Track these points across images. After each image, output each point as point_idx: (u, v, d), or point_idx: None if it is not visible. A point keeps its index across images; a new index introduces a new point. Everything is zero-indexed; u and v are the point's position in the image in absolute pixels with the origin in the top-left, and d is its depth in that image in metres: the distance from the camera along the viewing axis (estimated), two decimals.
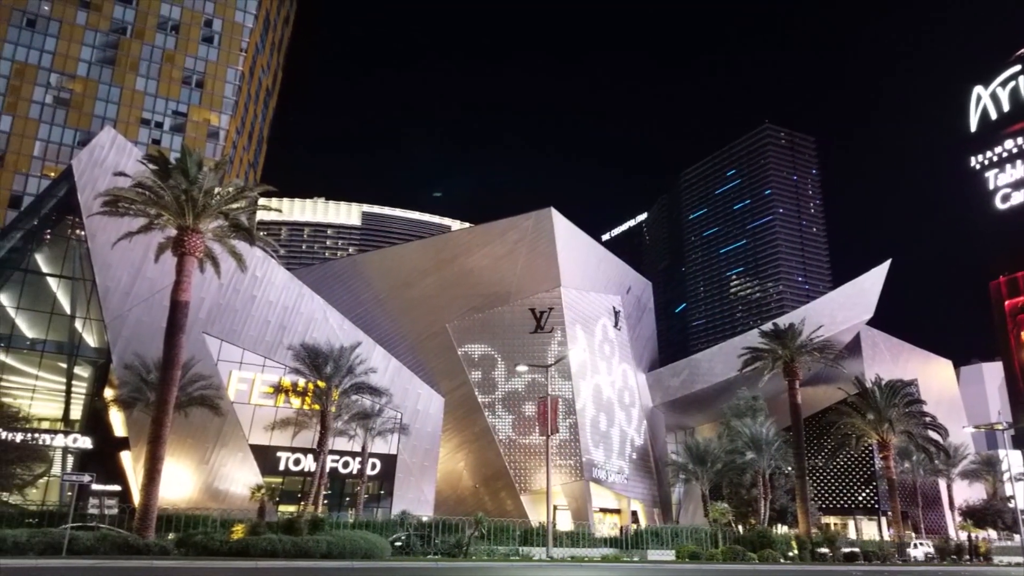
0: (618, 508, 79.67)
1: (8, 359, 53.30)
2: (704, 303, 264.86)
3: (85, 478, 34.23)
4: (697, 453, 67.38)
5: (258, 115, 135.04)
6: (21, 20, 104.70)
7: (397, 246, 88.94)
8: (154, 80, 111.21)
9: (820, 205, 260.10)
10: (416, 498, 62.36)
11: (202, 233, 37.52)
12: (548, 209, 73.33)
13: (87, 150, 54.33)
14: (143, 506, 33.25)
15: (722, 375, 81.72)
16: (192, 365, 47.55)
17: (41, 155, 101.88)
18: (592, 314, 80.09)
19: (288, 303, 59.55)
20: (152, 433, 34.97)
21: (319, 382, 52.93)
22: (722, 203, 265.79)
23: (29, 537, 28.58)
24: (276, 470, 56.97)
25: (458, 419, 73.66)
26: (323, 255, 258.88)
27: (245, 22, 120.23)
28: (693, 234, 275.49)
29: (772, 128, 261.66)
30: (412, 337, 74.92)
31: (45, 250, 56.04)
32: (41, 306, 54.50)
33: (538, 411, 48.29)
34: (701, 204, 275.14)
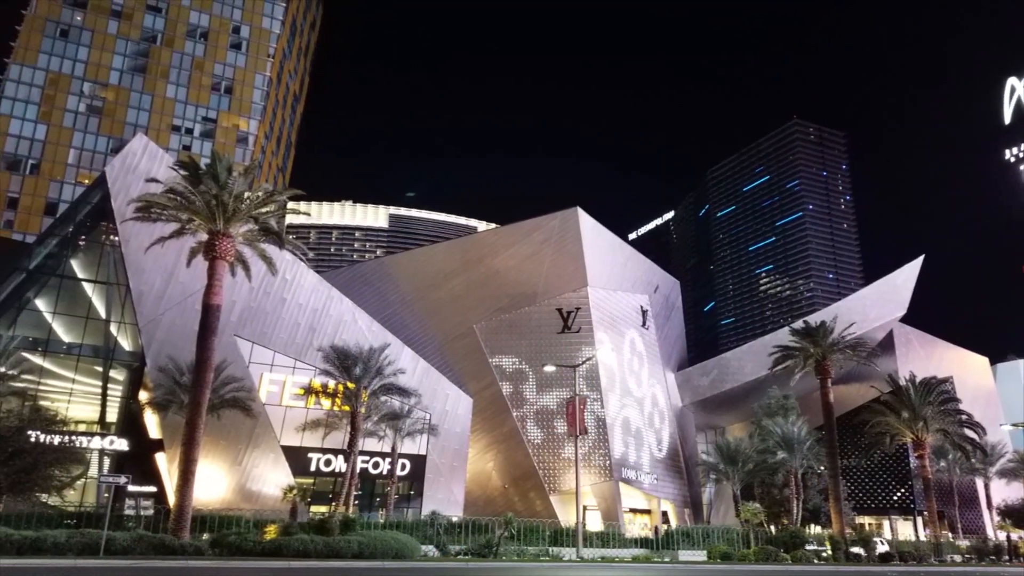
0: (648, 508, 79.24)
1: (46, 363, 54.39)
2: (733, 301, 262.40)
3: (121, 480, 34.81)
4: (728, 453, 66.80)
5: (286, 120, 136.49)
6: (55, 31, 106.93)
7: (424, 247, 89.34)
8: (184, 87, 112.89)
9: (851, 201, 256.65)
10: (446, 498, 62.57)
11: (233, 237, 37.95)
12: (574, 209, 73.20)
13: (120, 157, 55.34)
14: (178, 507, 33.74)
15: (752, 374, 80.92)
16: (224, 367, 48.21)
17: (75, 163, 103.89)
18: (620, 313, 79.73)
19: (317, 305, 60.10)
20: (186, 435, 35.46)
21: (349, 383, 53.38)
22: (750, 200, 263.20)
23: (68, 538, 29.13)
24: (307, 471, 57.49)
25: (486, 420, 73.79)
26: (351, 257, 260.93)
27: (272, 28, 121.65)
28: (721, 232, 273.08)
29: (801, 124, 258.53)
30: (440, 338, 75.21)
31: (80, 256, 57.14)
32: (77, 311, 55.63)
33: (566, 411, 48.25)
34: (729, 201, 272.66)
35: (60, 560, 27.16)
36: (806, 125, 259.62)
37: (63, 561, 26.90)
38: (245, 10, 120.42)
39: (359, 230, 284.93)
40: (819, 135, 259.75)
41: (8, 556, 27.16)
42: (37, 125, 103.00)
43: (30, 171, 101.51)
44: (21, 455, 40.88)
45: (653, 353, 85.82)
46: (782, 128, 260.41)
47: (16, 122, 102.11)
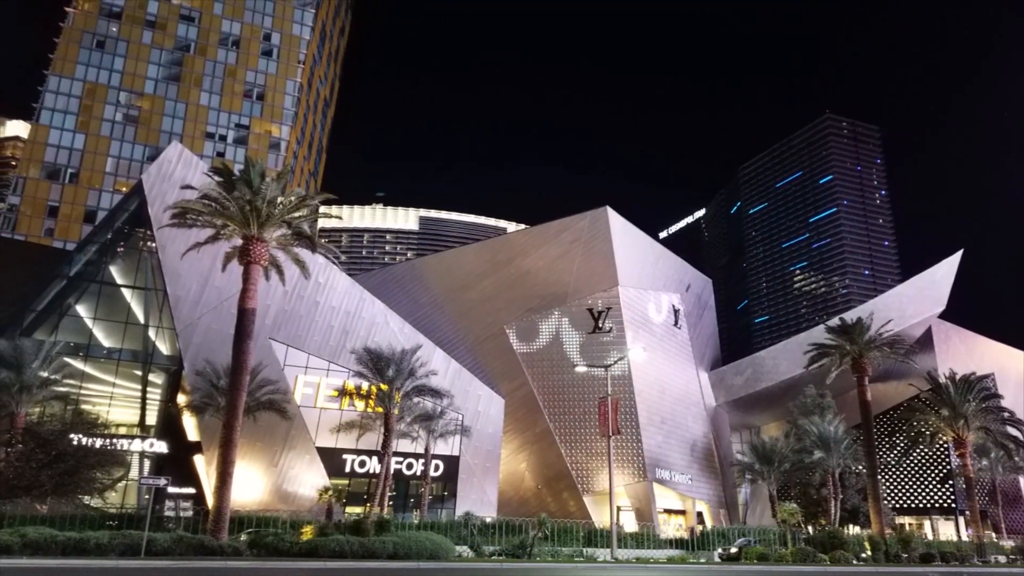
0: (683, 509, 78.63)
1: (87, 368, 55.59)
2: (767, 299, 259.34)
3: (161, 481, 35.40)
4: (763, 452, 66.02)
5: (317, 125, 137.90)
6: (91, 42, 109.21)
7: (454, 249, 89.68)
8: (217, 95, 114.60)
9: (886, 196, 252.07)
10: (479, 499, 62.72)
11: (266, 242, 38.43)
12: (603, 208, 72.96)
13: (156, 165, 56.42)
14: (216, 508, 34.23)
15: (787, 373, 79.90)
16: (260, 370, 48.90)
17: (113, 171, 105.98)
18: (651, 313, 79.27)
19: (350, 308, 60.67)
20: (223, 437, 35.97)
21: (382, 385, 53.76)
22: (783, 196, 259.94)
23: (110, 539, 29.71)
24: (342, 472, 58.04)
25: (519, 420, 73.81)
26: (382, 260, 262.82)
27: (302, 34, 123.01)
28: (754, 229, 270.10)
29: (833, 118, 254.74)
30: (471, 339, 75.43)
31: (119, 262, 58.35)
32: (116, 316, 56.79)
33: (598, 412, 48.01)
34: (761, 198, 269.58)
35: (103, 561, 27.72)
36: (839, 120, 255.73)
37: (106, 562, 27.45)
38: (276, 17, 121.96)
39: (390, 233, 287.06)
40: (853, 130, 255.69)
41: (53, 557, 27.79)
42: (75, 135, 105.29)
43: (69, 180, 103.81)
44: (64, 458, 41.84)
45: (686, 352, 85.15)
46: (814, 123, 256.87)
47: (55, 132, 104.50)
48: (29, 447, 41.44)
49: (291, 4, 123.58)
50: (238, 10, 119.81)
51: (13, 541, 28.11)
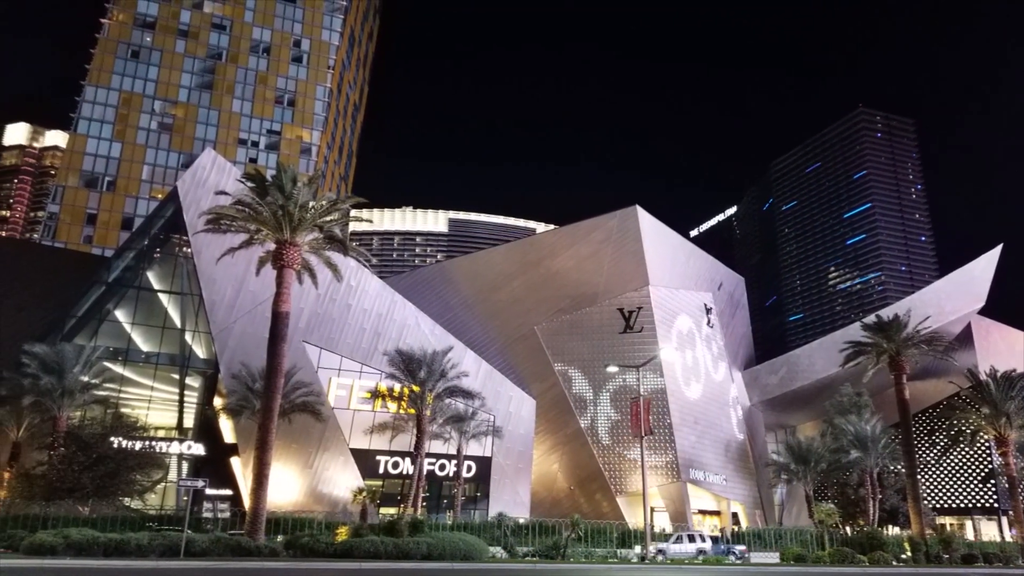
0: (717, 510, 77.92)
1: (126, 372, 56.65)
2: (801, 297, 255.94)
3: (199, 483, 35.95)
4: (799, 452, 65.22)
5: (347, 129, 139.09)
6: (126, 52, 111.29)
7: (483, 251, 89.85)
8: (249, 101, 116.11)
9: (922, 190, 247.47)
10: (512, 500, 62.78)
11: (299, 246, 38.85)
12: (633, 207, 72.60)
13: (190, 172, 57.36)
14: (253, 509, 34.66)
15: (823, 371, 78.81)
16: (294, 373, 49.45)
17: (149, 178, 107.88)
18: (683, 312, 78.68)
19: (382, 310, 61.13)
20: (259, 439, 36.41)
21: (414, 386, 54.10)
22: (816, 193, 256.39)
23: (150, 540, 30.27)
24: (376, 473, 58.46)
25: (550, 421, 73.72)
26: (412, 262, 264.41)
27: (331, 40, 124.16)
28: (786, 226, 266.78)
29: (867, 112, 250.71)
30: (501, 340, 75.50)
31: (156, 268, 59.39)
32: (154, 321, 57.80)
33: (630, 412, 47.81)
34: (793, 195, 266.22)
35: (143, 562, 28.23)
36: (872, 113, 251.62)
37: (146, 563, 27.95)
38: (305, 24, 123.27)
39: (420, 235, 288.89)
40: (887, 123, 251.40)
41: (95, 557, 28.37)
42: (112, 144, 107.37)
43: (107, 188, 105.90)
44: (105, 461, 42.73)
45: (719, 352, 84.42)
46: (847, 118, 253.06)
47: (93, 141, 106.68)
48: (71, 450, 42.39)
49: (320, 10, 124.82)
50: (268, 18, 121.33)
51: (57, 542, 28.76)
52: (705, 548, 46.17)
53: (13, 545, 31.83)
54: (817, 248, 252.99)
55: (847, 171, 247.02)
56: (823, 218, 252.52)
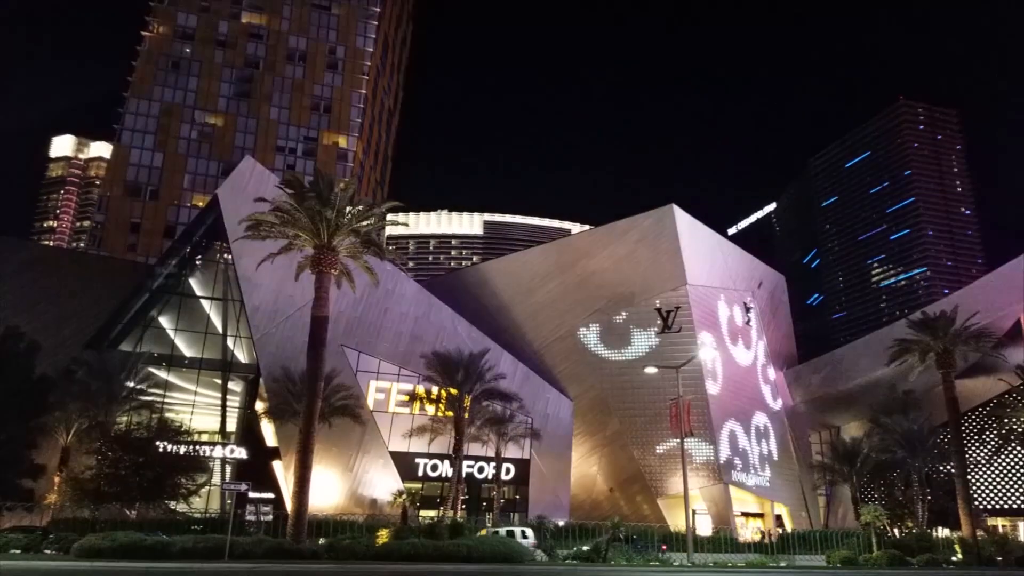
0: (761, 512, 76.72)
1: (170, 377, 57.75)
2: (844, 294, 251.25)
3: (242, 487, 36.45)
4: (844, 453, 63.99)
5: (382, 134, 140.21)
6: (167, 64, 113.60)
7: (518, 252, 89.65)
8: (286, 109, 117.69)
9: (968, 183, 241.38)
10: (551, 502, 62.57)
11: (336, 251, 39.21)
12: (669, 206, 71.90)
13: (230, 179, 58.32)
14: (295, 512, 35.03)
15: (868, 370, 77.09)
16: (333, 377, 49.93)
17: (190, 187, 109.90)
18: (722, 311, 77.63)
19: (419, 314, 61.44)
20: (300, 443, 36.79)
21: (451, 389, 54.29)
22: (857, 187, 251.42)
23: (194, 543, 30.75)
24: (415, 476, 58.72)
25: (589, 423, 73.28)
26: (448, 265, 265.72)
27: (366, 47, 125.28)
28: (827, 222, 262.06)
29: (908, 104, 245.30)
30: (538, 342, 75.24)
31: (198, 274, 60.50)
32: (196, 326, 58.86)
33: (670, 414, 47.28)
34: (834, 190, 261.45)
35: (189, 563, 28.67)
36: (914, 105, 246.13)
37: (192, 564, 28.38)
38: (340, 31, 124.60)
39: (455, 238, 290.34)
40: (929, 115, 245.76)
41: (142, 560, 28.87)
42: (154, 153, 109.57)
43: (150, 197, 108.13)
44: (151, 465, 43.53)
45: (760, 351, 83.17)
46: (888, 110, 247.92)
47: (136, 151, 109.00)
48: (118, 455, 43.24)
49: (354, 18, 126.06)
50: (303, 26, 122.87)
51: (105, 545, 29.35)
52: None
53: (64, 547, 32.61)
54: (860, 244, 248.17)
55: (889, 165, 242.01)
56: (865, 213, 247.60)
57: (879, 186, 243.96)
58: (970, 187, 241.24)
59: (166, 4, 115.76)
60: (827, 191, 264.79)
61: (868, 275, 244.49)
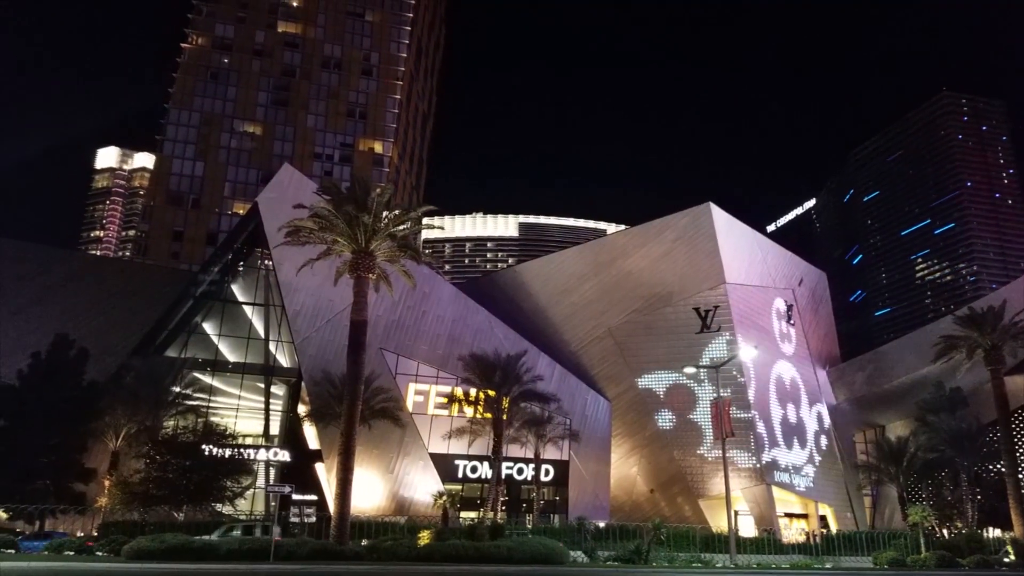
0: (805, 513, 75.59)
1: (214, 381, 58.90)
2: (887, 291, 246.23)
3: (286, 489, 37.04)
4: (890, 452, 62.77)
5: (417, 139, 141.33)
6: (206, 74, 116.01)
7: (554, 254, 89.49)
8: (322, 116, 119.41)
9: (1015, 174, 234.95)
10: (591, 504, 62.43)
11: (374, 255, 39.67)
12: (706, 204, 71.30)
13: (269, 187, 59.35)
14: (338, 514, 35.50)
15: (913, 368, 75.51)
16: (373, 380, 50.47)
17: (231, 195, 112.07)
18: (762, 310, 76.67)
19: (456, 316, 61.83)
20: (342, 445, 37.28)
21: (489, 391, 54.51)
22: (899, 181, 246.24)
23: (240, 545, 31.34)
24: (455, 477, 59.05)
25: (628, 424, 72.94)
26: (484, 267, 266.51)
27: (400, 52, 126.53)
28: (869, 217, 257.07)
29: (951, 95, 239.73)
30: (575, 343, 75.10)
31: (240, 280, 61.67)
32: (239, 332, 59.99)
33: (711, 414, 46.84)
34: (876, 184, 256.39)
35: (235, 565, 29.21)
36: (957, 96, 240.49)
37: (238, 566, 28.91)
38: (374, 37, 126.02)
39: (491, 240, 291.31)
40: (973, 106, 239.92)
41: (190, 561, 29.50)
42: (196, 163, 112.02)
43: (192, 205, 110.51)
44: (198, 468, 44.48)
45: (801, 349, 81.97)
46: (930, 102, 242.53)
47: (178, 161, 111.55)
48: (165, 458, 44.27)
49: (388, 24, 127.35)
50: (338, 33, 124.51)
51: (154, 547, 30.06)
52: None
53: (114, 549, 33.46)
54: (903, 239, 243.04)
55: (932, 157, 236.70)
56: (908, 207, 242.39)
57: (922, 179, 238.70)
58: (1017, 179, 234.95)
59: (204, 15, 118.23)
60: (868, 185, 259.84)
61: (912, 271, 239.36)
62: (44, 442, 45.37)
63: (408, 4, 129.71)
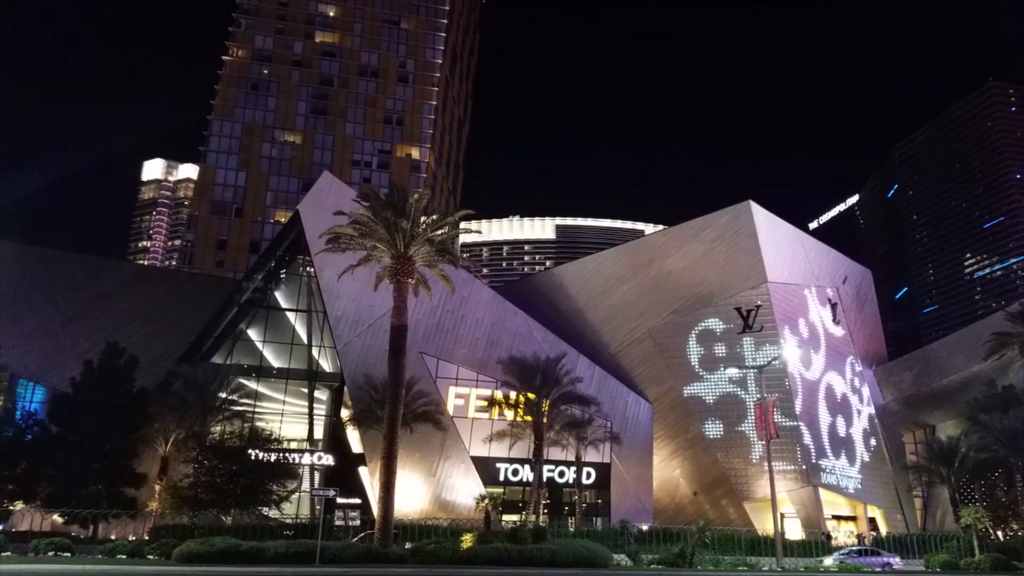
0: (853, 515, 74.15)
1: (259, 387, 59.90)
2: (935, 287, 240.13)
3: (330, 493, 37.49)
4: (940, 453, 61.23)
5: (453, 144, 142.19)
6: (247, 86, 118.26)
7: (592, 255, 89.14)
8: (360, 124, 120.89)
9: None
10: (633, 507, 62.05)
11: (413, 260, 39.99)
12: (746, 202, 70.46)
13: (310, 195, 60.28)
14: (381, 518, 35.82)
15: (963, 366, 73.64)
16: (414, 384, 50.89)
17: (272, 203, 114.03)
18: (805, 309, 75.45)
19: (494, 319, 62.02)
20: (384, 449, 37.61)
21: (529, 394, 54.55)
22: (945, 175, 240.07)
23: (287, 548, 31.83)
24: (496, 480, 59.19)
25: (669, 426, 72.32)
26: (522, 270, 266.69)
27: (435, 58, 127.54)
28: (915, 212, 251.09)
29: (997, 86, 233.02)
30: (614, 345, 74.71)
31: (282, 287, 62.69)
32: (283, 338, 60.98)
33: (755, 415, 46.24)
34: (921, 179, 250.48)
35: (282, 568, 29.69)
36: (1004, 87, 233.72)
37: (284, 569, 29.38)
38: (409, 44, 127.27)
39: (528, 243, 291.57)
40: (1021, 96, 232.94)
41: (238, 564, 30.04)
42: (238, 173, 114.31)
43: (235, 214, 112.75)
44: (245, 472, 45.26)
45: (847, 349, 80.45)
46: (976, 93, 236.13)
47: (221, 172, 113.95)
48: (213, 463, 45.13)
49: (423, 31, 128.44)
50: (374, 42, 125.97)
51: (203, 550, 30.68)
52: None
53: (165, 553, 34.21)
54: (950, 234, 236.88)
55: (979, 150, 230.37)
56: (955, 201, 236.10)
57: (969, 172, 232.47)
58: None
59: (244, 28, 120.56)
60: (913, 180, 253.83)
61: (960, 266, 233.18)
62: (97, 448, 46.62)
63: (442, 10, 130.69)
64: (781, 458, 67.02)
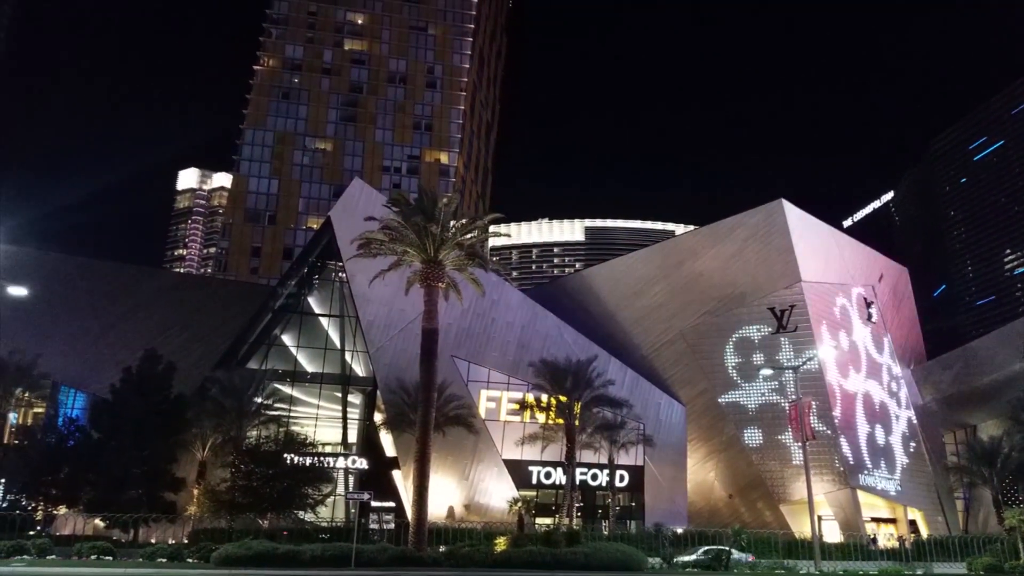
0: (892, 517, 72.81)
1: (294, 392, 60.62)
2: (974, 285, 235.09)
3: (365, 496, 37.77)
4: (982, 453, 60.04)
5: (481, 147, 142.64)
6: (278, 94, 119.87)
7: (622, 257, 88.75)
8: (390, 130, 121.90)
9: None
10: (668, 510, 61.59)
11: (443, 264, 40.17)
12: (778, 201, 69.68)
13: (341, 201, 60.95)
14: (415, 521, 36.00)
15: (1005, 364, 71.99)
16: (446, 387, 51.11)
17: (304, 210, 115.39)
18: (840, 308, 74.31)
19: (525, 322, 62.07)
20: (418, 452, 37.82)
21: (560, 396, 54.47)
22: (983, 169, 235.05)
23: (323, 551, 32.15)
24: (529, 483, 59.18)
25: (703, 428, 71.69)
26: (551, 273, 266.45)
27: (462, 63, 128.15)
28: (952, 208, 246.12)
29: None
30: (646, 347, 74.29)
31: (315, 293, 63.42)
32: (316, 343, 61.65)
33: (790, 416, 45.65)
34: (957, 174, 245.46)
35: (319, 571, 29.99)
36: None
37: (321, 571, 29.67)
38: (436, 50, 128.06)
39: (557, 246, 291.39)
40: None
41: (275, 567, 30.41)
42: (271, 181, 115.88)
43: (268, 222, 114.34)
44: (281, 477, 45.82)
45: (883, 348, 79.08)
46: (1014, 85, 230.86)
47: (254, 180, 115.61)
48: (250, 467, 45.75)
49: (450, 36, 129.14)
50: (402, 48, 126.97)
51: (241, 553, 31.12)
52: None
53: (203, 556, 34.73)
54: (989, 229, 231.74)
55: (1018, 143, 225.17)
56: (994, 196, 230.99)
57: (1007, 166, 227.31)
58: None
59: (275, 38, 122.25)
60: (950, 175, 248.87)
61: (1000, 263, 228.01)
62: (137, 453, 47.43)
63: (469, 15, 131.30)
64: (818, 460, 66.08)
